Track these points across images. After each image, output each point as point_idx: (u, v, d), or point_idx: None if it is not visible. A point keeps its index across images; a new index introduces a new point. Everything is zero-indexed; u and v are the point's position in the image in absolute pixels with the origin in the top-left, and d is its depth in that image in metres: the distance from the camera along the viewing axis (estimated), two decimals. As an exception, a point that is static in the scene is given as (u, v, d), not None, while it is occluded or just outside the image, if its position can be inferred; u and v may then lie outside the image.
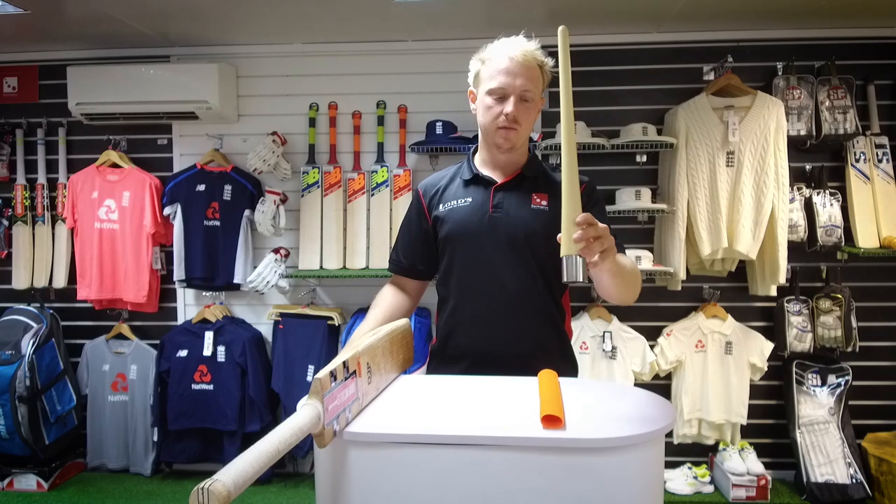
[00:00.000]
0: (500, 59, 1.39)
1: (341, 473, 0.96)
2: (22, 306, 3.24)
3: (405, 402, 1.14)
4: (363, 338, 1.14)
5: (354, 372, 1.01)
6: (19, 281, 3.31)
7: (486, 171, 1.51)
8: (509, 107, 1.38)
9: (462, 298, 1.48)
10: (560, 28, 1.16)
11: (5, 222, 3.34)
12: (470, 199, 1.48)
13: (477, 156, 1.56)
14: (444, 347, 1.52)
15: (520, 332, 1.42)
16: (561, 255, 1.13)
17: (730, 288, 3.14)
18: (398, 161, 3.22)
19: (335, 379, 0.92)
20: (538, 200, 1.46)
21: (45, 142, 3.36)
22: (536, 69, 1.41)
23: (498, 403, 1.14)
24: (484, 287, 1.45)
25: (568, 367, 1.52)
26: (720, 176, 2.87)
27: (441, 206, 1.52)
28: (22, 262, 3.30)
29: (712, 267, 3.04)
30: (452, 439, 0.94)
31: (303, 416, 0.83)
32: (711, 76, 3.09)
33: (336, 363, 0.96)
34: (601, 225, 1.14)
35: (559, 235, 1.15)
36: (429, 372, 1.58)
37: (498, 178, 1.49)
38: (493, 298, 1.44)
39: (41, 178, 3.34)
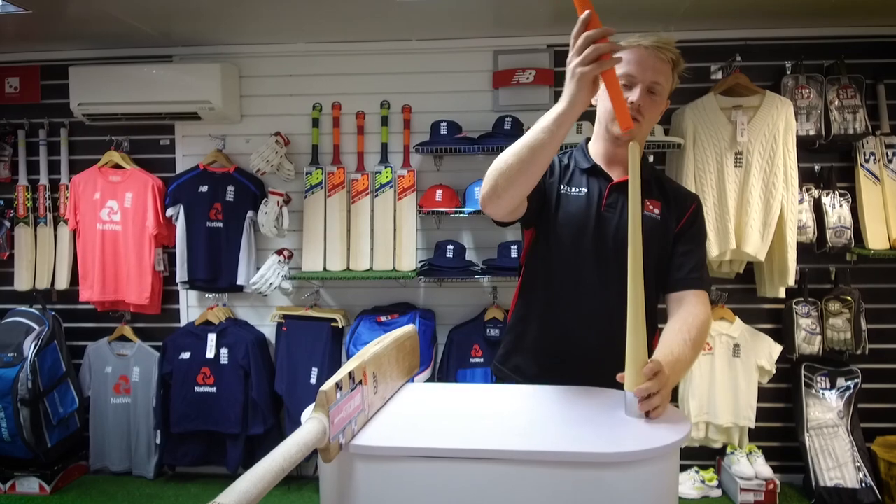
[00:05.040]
0: (634, 48, 1.32)
1: (347, 487, 0.93)
2: (24, 308, 3.22)
3: (412, 412, 1.12)
4: (369, 346, 1.12)
5: (360, 382, 0.98)
6: (21, 282, 3.29)
7: (601, 165, 1.43)
8: (635, 95, 1.29)
9: (552, 295, 1.41)
10: (630, 143, 1.10)
11: (7, 223, 3.32)
12: (585, 191, 1.40)
13: (592, 148, 1.47)
14: (522, 342, 1.46)
15: (607, 341, 1.29)
16: (626, 390, 1.08)
17: (737, 290, 3.10)
18: (402, 162, 3.19)
19: (341, 390, 0.90)
20: (650, 207, 1.39)
21: (47, 142, 3.33)
22: (669, 64, 1.34)
23: (509, 414, 1.11)
24: (577, 287, 1.38)
25: None
26: (728, 176, 2.83)
27: (562, 185, 1.42)
28: (24, 264, 3.28)
29: (720, 268, 3.01)
30: (462, 453, 0.92)
31: (308, 430, 0.81)
32: (719, 75, 3.06)
33: (342, 374, 0.93)
34: (665, 374, 1.08)
35: (620, 375, 1.10)
36: (502, 360, 1.51)
37: (614, 176, 1.41)
38: (586, 301, 1.37)
39: (43, 178, 3.32)
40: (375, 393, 1.06)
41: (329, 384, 0.87)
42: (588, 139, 1.50)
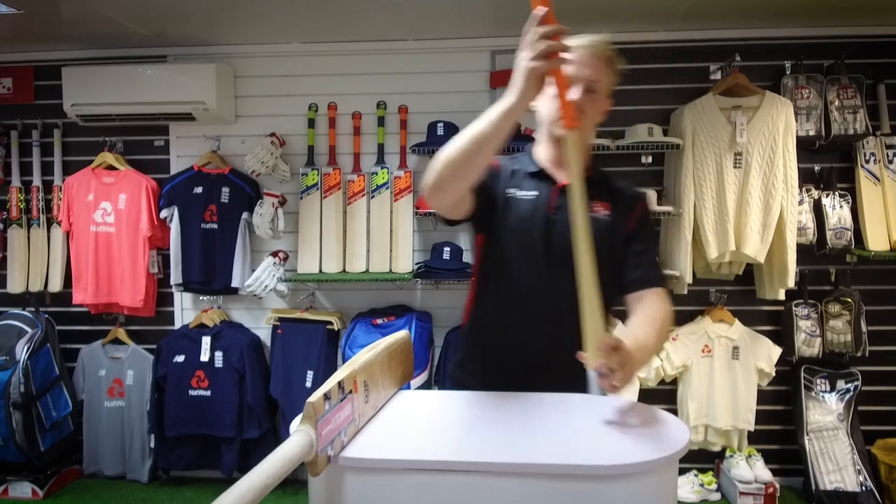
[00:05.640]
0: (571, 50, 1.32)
1: (337, 500, 0.91)
2: (16, 311, 3.19)
3: (405, 422, 1.09)
4: (360, 354, 1.09)
5: (350, 391, 0.96)
6: (14, 285, 3.25)
7: (547, 169, 1.43)
8: (575, 94, 1.29)
9: (503, 299, 1.40)
10: (567, 134, 1.14)
11: (0, 225, 3.29)
12: (533, 194, 1.40)
13: (537, 152, 1.47)
14: (475, 347, 1.46)
15: (558, 344, 1.30)
16: (590, 369, 1.07)
17: (737, 291, 3.08)
18: (399, 163, 3.16)
19: (329, 400, 0.87)
20: (598, 209, 1.39)
21: (41, 143, 3.30)
22: (606, 62, 1.35)
23: (504, 423, 1.08)
24: (527, 291, 1.37)
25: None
26: (727, 177, 2.81)
27: (508, 188, 1.41)
28: (17, 266, 3.25)
29: (719, 270, 2.99)
30: (456, 465, 0.89)
31: (293, 444, 0.78)
32: (718, 75, 3.03)
33: (331, 383, 0.90)
34: (626, 350, 1.07)
35: (581, 353, 1.09)
36: (458, 364, 1.51)
37: (561, 179, 1.41)
38: (537, 305, 1.36)
39: (36, 180, 3.29)
40: (367, 402, 1.04)
41: (317, 395, 0.84)
42: (533, 144, 1.50)
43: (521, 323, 1.39)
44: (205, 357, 3.07)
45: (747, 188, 2.79)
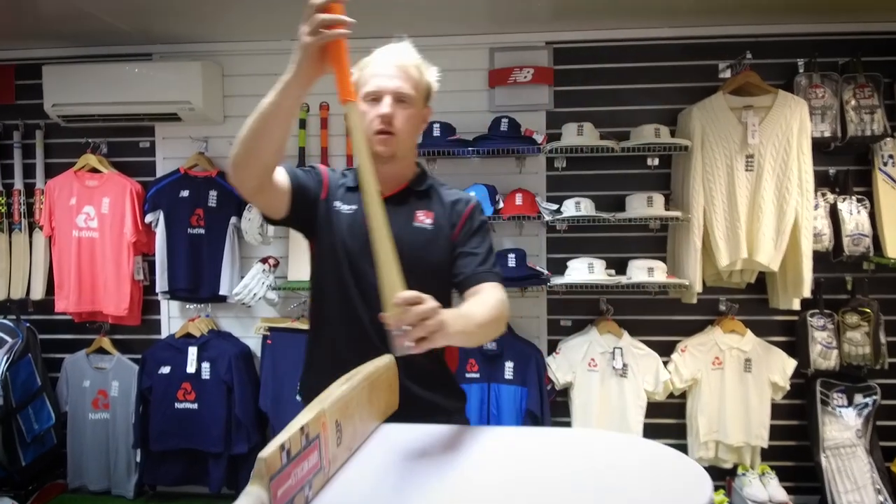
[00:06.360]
0: (375, 63, 1.36)
1: (299, 566, 0.77)
2: (-4, 319, 3.08)
3: (383, 466, 0.95)
4: (333, 387, 0.95)
5: (318, 437, 0.82)
6: (-5, 292, 3.14)
7: None
8: (385, 107, 1.31)
9: (334, 311, 1.38)
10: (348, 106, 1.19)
11: (-20, 230, 3.17)
12: (354, 208, 1.40)
13: None
14: (318, 361, 1.44)
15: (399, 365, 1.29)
16: (389, 328, 0.99)
17: (749, 301, 2.94)
18: (394, 165, 3.03)
19: (288, 453, 0.73)
20: (422, 218, 1.41)
21: (22, 145, 3.18)
22: (414, 71, 1.37)
23: (500, 466, 0.94)
24: (357, 303, 1.35)
25: (453, 399, 1.46)
26: (739, 181, 2.67)
27: (335, 202, 1.41)
28: (-2, 272, 3.14)
29: (730, 278, 2.85)
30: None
31: (238, 512, 0.64)
32: (728, 74, 2.89)
33: (291, 430, 0.76)
34: (426, 306, 0.99)
35: (382, 315, 1.02)
36: (303, 379, 1.49)
37: (383, 191, 1.34)
38: (370, 326, 1.32)
39: (18, 183, 3.17)
40: (339, 444, 0.90)
41: (271, 448, 0.71)
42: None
43: (351, 331, 1.37)
44: (191, 368, 2.95)
45: (760, 192, 2.66)
